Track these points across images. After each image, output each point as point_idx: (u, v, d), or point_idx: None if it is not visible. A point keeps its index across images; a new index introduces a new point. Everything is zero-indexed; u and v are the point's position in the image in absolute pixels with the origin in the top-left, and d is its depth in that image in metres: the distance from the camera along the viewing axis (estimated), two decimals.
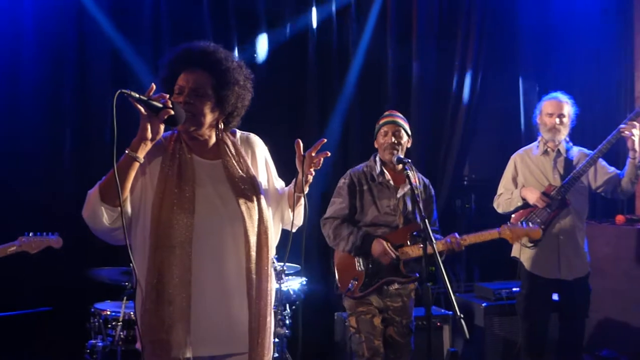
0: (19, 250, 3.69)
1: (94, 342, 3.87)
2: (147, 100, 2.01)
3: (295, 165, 2.29)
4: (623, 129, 3.96)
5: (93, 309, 3.99)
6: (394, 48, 5.65)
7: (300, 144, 2.27)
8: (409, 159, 3.55)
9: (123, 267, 3.96)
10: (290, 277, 4.36)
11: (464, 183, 6.03)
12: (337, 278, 3.79)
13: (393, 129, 3.75)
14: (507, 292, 4.73)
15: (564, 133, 4.20)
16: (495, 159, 5.29)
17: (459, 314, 2.58)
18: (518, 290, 4.37)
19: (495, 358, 4.69)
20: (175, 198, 2.16)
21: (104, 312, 3.92)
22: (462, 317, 2.57)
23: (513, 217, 4.16)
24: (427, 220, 3.02)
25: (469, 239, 3.62)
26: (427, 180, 3.90)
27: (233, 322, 2.21)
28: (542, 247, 4.09)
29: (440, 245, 3.50)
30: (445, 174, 5.76)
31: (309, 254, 4.87)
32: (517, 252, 4.23)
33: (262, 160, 2.42)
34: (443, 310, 4.76)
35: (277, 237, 2.43)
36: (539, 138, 4.28)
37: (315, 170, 2.28)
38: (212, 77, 2.21)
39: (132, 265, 2.11)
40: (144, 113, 2.02)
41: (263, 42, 5.29)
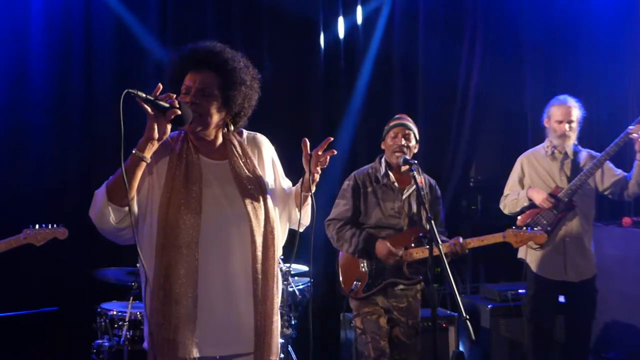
0: (25, 243, 3.63)
1: (101, 342, 3.89)
2: (154, 100, 2.01)
3: (302, 165, 2.28)
4: (631, 131, 3.94)
5: (99, 309, 4.00)
6: (403, 50, 5.69)
7: (307, 143, 2.26)
8: (416, 160, 3.55)
9: (129, 267, 3.98)
10: (297, 277, 4.35)
11: (470, 184, 6.02)
12: (340, 278, 3.80)
13: (403, 132, 3.75)
14: (513, 293, 4.70)
15: (574, 138, 4.19)
16: (502, 160, 5.28)
17: (465, 315, 2.58)
18: (524, 292, 4.37)
19: None
20: (183, 198, 2.16)
21: (111, 312, 3.92)
22: (467, 318, 2.57)
23: (519, 218, 4.15)
24: (433, 221, 3.02)
25: (473, 242, 3.62)
26: (433, 181, 3.89)
27: (239, 322, 2.21)
28: (548, 249, 4.08)
29: (444, 248, 3.50)
30: (452, 175, 5.77)
31: (316, 255, 4.87)
32: (523, 253, 4.23)
33: (268, 160, 2.41)
34: (449, 312, 4.75)
35: (284, 237, 2.43)
36: (547, 140, 4.27)
37: (323, 172, 2.27)
38: (218, 77, 2.20)
39: (140, 265, 2.11)
40: (151, 113, 2.02)
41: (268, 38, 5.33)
